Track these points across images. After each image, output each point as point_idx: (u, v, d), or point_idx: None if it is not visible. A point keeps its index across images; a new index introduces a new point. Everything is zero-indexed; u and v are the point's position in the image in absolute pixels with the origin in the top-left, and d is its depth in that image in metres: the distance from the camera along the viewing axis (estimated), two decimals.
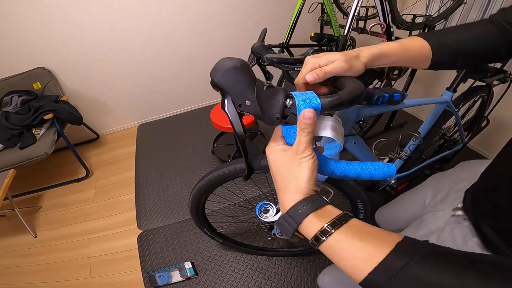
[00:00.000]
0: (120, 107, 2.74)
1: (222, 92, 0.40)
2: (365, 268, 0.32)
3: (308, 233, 0.36)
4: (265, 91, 0.39)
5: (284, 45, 1.94)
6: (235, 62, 0.39)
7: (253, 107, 0.39)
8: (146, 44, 2.41)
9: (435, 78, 2.07)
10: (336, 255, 0.34)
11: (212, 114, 1.91)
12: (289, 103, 0.39)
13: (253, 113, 0.39)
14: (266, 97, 0.39)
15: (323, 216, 0.36)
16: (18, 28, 2.03)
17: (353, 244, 0.33)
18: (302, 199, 0.37)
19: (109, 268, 1.65)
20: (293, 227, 0.36)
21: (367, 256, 0.32)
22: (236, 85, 0.39)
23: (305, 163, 0.39)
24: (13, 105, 2.08)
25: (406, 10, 1.74)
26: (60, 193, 2.23)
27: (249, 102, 0.39)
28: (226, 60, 0.40)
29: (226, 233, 1.50)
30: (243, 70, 0.39)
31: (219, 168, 1.01)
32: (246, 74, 0.39)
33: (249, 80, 0.39)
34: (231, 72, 0.38)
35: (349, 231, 0.34)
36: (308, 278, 1.43)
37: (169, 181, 2.13)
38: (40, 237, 1.90)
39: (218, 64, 0.40)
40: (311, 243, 0.36)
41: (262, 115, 0.39)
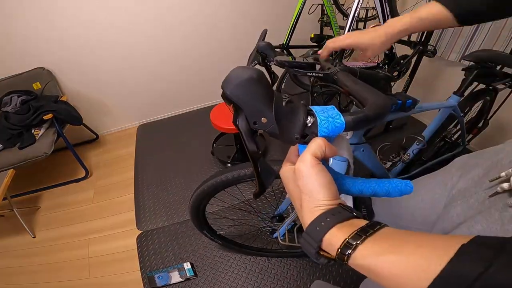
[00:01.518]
0: (119, 107, 2.73)
1: (235, 107, 0.35)
2: (414, 286, 0.25)
3: (331, 251, 0.31)
4: (284, 107, 0.35)
5: (284, 46, 1.94)
6: (250, 72, 0.34)
7: (270, 125, 0.35)
8: (146, 44, 2.41)
9: (435, 79, 2.07)
10: (371, 273, 0.28)
11: (212, 115, 1.91)
12: (310, 122, 0.35)
13: (269, 131, 0.35)
14: (285, 114, 0.35)
15: (347, 230, 0.31)
16: (19, 28, 2.03)
17: (387, 258, 0.27)
18: (321, 214, 0.33)
19: (108, 269, 1.64)
20: (314, 247, 0.32)
21: (414, 270, 0.25)
22: (251, 100, 0.34)
23: None
24: (13, 105, 2.08)
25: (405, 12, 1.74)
26: (59, 194, 2.23)
27: (265, 120, 0.34)
28: (240, 70, 0.35)
29: (226, 234, 1.50)
30: (259, 82, 0.34)
31: (222, 173, 1.00)
32: (264, 87, 0.34)
33: (266, 95, 0.34)
34: (247, 85, 0.33)
35: (381, 242, 0.29)
36: (308, 279, 1.43)
37: (169, 181, 2.13)
38: (39, 238, 1.90)
39: (231, 75, 0.34)
40: (338, 261, 0.31)
41: (280, 134, 0.35)
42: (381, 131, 2.23)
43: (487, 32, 1.60)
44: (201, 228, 1.27)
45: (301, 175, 0.34)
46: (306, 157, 0.33)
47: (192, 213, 1.16)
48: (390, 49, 1.66)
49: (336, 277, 1.42)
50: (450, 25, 0.60)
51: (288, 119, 0.35)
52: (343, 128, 0.35)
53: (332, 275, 1.43)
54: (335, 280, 1.41)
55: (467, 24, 0.60)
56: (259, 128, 0.35)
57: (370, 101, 0.39)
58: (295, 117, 0.35)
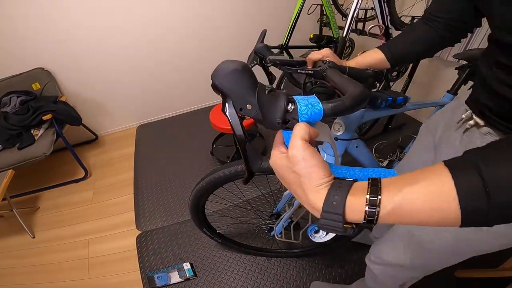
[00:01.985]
0: (119, 107, 2.73)
1: (223, 95, 0.39)
2: (449, 205, 0.28)
3: (357, 216, 0.32)
4: (267, 95, 0.38)
5: (284, 46, 1.94)
6: (236, 64, 0.38)
7: (254, 111, 0.38)
8: (145, 45, 2.41)
9: (434, 79, 2.08)
10: (403, 215, 0.31)
11: (211, 115, 1.91)
12: (291, 108, 0.38)
13: (254, 117, 0.39)
14: (267, 101, 0.38)
15: (359, 193, 0.33)
16: (18, 28, 2.03)
17: (409, 193, 0.30)
18: (329, 190, 0.34)
19: (107, 269, 1.64)
20: (339, 220, 0.33)
21: (436, 193, 0.29)
22: (237, 89, 0.38)
23: None
24: (12, 105, 2.08)
25: (404, 12, 1.75)
26: (58, 194, 2.22)
27: (250, 106, 0.38)
28: (227, 63, 0.39)
29: (225, 233, 1.50)
30: (244, 73, 0.38)
31: (220, 169, 1.01)
32: (248, 77, 0.38)
33: (250, 84, 0.38)
34: (232, 75, 0.38)
35: (393, 186, 0.32)
36: (307, 279, 1.43)
37: (168, 182, 2.13)
38: (38, 238, 1.90)
39: (219, 67, 0.39)
40: (368, 222, 0.32)
41: (263, 119, 0.38)
42: (380, 132, 2.23)
43: (485, 32, 1.60)
44: (201, 226, 1.27)
45: (296, 160, 0.35)
46: (296, 143, 0.35)
47: (192, 211, 1.17)
48: None
49: (335, 277, 1.42)
50: (385, 66, 0.77)
51: (270, 106, 0.38)
52: (321, 114, 0.37)
53: (331, 275, 1.43)
54: (335, 280, 1.41)
55: (396, 65, 0.78)
56: (245, 114, 0.39)
57: (349, 91, 0.43)
58: (277, 104, 0.38)
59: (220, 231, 1.40)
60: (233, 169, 0.98)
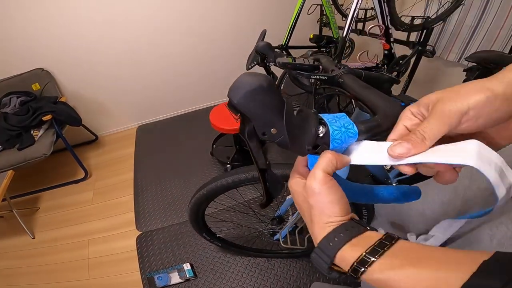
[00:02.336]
0: (119, 108, 2.73)
1: (242, 116, 0.33)
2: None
3: (343, 265, 0.30)
4: (296, 117, 0.33)
5: (283, 46, 1.94)
6: (260, 80, 0.31)
7: (280, 135, 0.32)
8: (146, 45, 2.41)
9: (434, 79, 2.08)
10: (388, 287, 0.27)
11: (212, 116, 1.91)
12: (322, 132, 0.33)
13: (278, 142, 0.33)
14: (296, 124, 0.32)
15: (361, 244, 0.30)
16: (18, 29, 2.03)
17: (406, 272, 0.26)
18: (334, 229, 0.32)
19: (107, 270, 1.64)
20: (327, 262, 0.31)
21: (434, 283, 0.24)
22: (262, 111, 0.31)
23: None
24: (12, 106, 2.08)
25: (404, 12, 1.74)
26: (58, 195, 2.22)
27: (275, 130, 0.32)
28: (248, 78, 0.31)
29: (226, 236, 1.49)
30: (270, 91, 0.31)
31: (222, 177, 0.99)
32: (274, 96, 0.31)
33: (277, 104, 0.32)
34: (256, 94, 0.31)
35: (397, 256, 0.28)
36: (307, 279, 1.43)
37: (168, 182, 2.13)
38: (38, 239, 1.90)
39: (239, 83, 0.31)
40: (350, 277, 0.30)
41: (290, 145, 0.33)
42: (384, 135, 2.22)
43: (485, 32, 1.60)
44: (201, 231, 1.26)
45: (312, 192, 0.33)
46: (317, 174, 0.32)
47: (191, 217, 1.15)
48: (389, 49, 1.67)
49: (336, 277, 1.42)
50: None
51: (299, 129, 0.33)
52: (356, 138, 0.34)
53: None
54: (335, 281, 1.41)
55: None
56: (268, 139, 0.33)
57: (382, 109, 0.38)
58: (307, 128, 0.33)
59: (220, 235, 1.39)
60: (236, 177, 0.96)
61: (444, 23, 1.77)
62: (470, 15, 1.63)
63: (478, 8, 1.58)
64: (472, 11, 1.62)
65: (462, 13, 1.67)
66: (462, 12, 1.66)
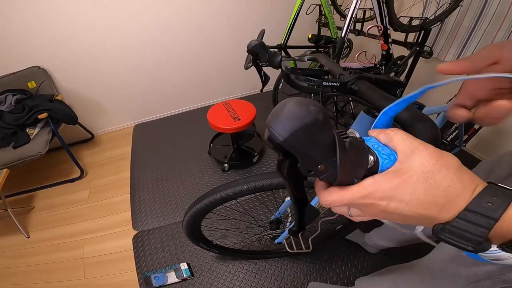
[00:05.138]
0: (115, 107, 2.72)
1: (284, 153, 0.28)
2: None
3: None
4: (348, 150, 0.28)
5: (282, 46, 1.94)
6: (314, 112, 0.25)
7: (327, 172, 0.28)
8: (143, 43, 2.40)
9: (431, 80, 2.09)
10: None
11: (209, 115, 1.91)
12: (372, 162, 0.30)
13: (324, 178, 0.29)
14: (349, 159, 0.28)
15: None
16: (14, 26, 2.01)
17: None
18: (484, 190, 0.27)
19: (103, 269, 1.63)
20: (486, 226, 0.25)
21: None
22: (313, 149, 0.26)
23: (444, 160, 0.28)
24: (7, 104, 2.06)
25: (403, 13, 1.75)
26: (53, 194, 2.20)
27: (323, 167, 0.28)
28: (299, 108, 0.25)
29: (223, 243, 1.48)
30: (325, 126, 0.26)
31: (221, 190, 0.94)
32: (328, 130, 0.26)
33: (329, 138, 0.26)
34: (309, 130, 0.25)
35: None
36: (305, 279, 1.43)
37: (165, 181, 2.12)
38: (33, 238, 1.88)
39: (285, 114, 0.25)
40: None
41: (338, 180, 0.29)
42: None
43: (483, 33, 1.61)
44: (197, 242, 1.22)
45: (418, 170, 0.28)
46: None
47: (187, 231, 1.09)
48: (387, 49, 1.67)
49: (333, 277, 1.42)
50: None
51: (351, 164, 0.29)
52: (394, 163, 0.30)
53: (329, 275, 1.43)
54: (332, 280, 1.41)
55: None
56: (314, 176, 0.29)
57: (420, 131, 0.35)
58: (359, 162, 0.29)
59: (217, 242, 1.36)
60: (237, 189, 0.92)
61: (442, 24, 1.78)
62: (468, 16, 1.64)
63: (475, 9, 1.59)
64: (470, 12, 1.63)
65: (460, 14, 1.68)
66: (460, 13, 1.67)
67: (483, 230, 0.25)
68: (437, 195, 0.27)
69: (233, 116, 1.87)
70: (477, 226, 0.26)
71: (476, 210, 0.26)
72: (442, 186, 0.27)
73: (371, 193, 0.28)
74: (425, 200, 0.27)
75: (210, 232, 1.56)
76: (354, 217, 0.33)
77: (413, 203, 0.27)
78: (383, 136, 0.32)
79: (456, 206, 0.27)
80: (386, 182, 0.28)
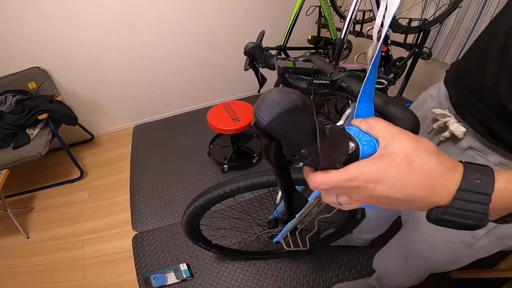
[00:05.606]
0: (115, 107, 2.72)
1: (269, 138, 0.30)
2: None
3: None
4: (328, 136, 0.30)
5: (282, 47, 1.95)
6: (294, 99, 0.28)
7: (310, 156, 0.30)
8: (143, 44, 2.41)
9: (430, 81, 2.09)
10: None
11: (209, 116, 1.91)
12: (352, 148, 0.31)
13: (308, 163, 0.31)
14: (329, 144, 0.30)
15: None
16: (14, 27, 2.01)
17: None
18: (466, 169, 0.28)
19: (103, 270, 1.63)
20: (484, 202, 0.27)
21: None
22: (295, 133, 0.28)
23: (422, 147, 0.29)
24: (8, 104, 2.06)
25: (402, 14, 1.76)
26: (53, 194, 2.20)
27: (306, 152, 0.30)
28: (281, 96, 0.28)
29: (222, 242, 1.48)
30: (305, 111, 0.28)
31: (218, 187, 0.96)
32: (308, 116, 0.29)
33: (311, 124, 0.29)
34: (290, 116, 0.28)
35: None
36: (304, 279, 1.43)
37: (165, 182, 2.12)
38: (33, 238, 1.88)
39: (269, 101, 0.28)
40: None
41: (320, 164, 0.31)
42: None
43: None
44: (196, 241, 1.24)
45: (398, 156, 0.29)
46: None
47: (186, 229, 1.11)
48: (386, 51, 1.68)
49: (332, 277, 1.42)
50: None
51: (331, 149, 0.30)
52: (375, 151, 0.32)
53: (328, 276, 1.43)
54: (332, 280, 1.41)
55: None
56: (298, 161, 0.31)
57: (399, 119, 0.37)
58: (339, 146, 0.31)
59: (216, 242, 1.37)
60: (234, 186, 0.94)
61: (441, 26, 1.79)
62: (467, 17, 1.65)
63: (474, 11, 1.60)
64: (469, 13, 1.63)
65: (459, 15, 1.68)
66: (459, 14, 1.68)
67: (483, 207, 0.27)
68: (422, 176, 0.28)
69: (233, 117, 1.87)
70: (476, 204, 0.27)
71: (470, 189, 0.27)
72: (425, 167, 0.28)
73: (357, 176, 0.29)
74: (410, 181, 0.28)
75: (209, 232, 1.56)
76: (344, 205, 0.34)
77: (398, 185, 0.28)
78: (364, 125, 0.33)
79: (446, 188, 0.28)
80: (372, 165, 0.29)
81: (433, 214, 0.29)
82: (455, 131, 0.54)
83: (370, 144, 0.31)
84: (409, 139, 0.30)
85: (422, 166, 0.28)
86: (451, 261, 0.73)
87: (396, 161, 0.28)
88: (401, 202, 0.30)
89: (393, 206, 0.31)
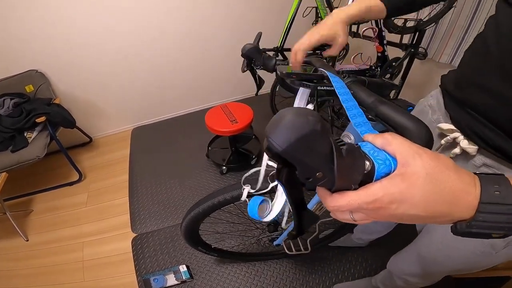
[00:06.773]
0: (114, 110, 2.72)
1: (282, 162, 0.28)
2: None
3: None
4: (345, 157, 0.28)
5: (279, 49, 1.95)
6: (312, 122, 0.26)
7: (325, 178, 0.28)
8: (141, 47, 2.41)
9: (427, 81, 2.11)
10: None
11: (207, 118, 1.92)
12: (368, 168, 0.30)
13: (322, 184, 0.29)
14: (346, 166, 0.28)
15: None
16: (11, 30, 2.01)
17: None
18: (482, 182, 0.29)
19: (103, 272, 1.63)
20: (508, 212, 0.27)
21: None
22: (312, 158, 0.27)
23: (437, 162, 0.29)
24: (5, 108, 2.05)
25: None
26: (52, 197, 2.20)
27: (321, 174, 0.28)
28: (297, 118, 0.26)
29: (222, 246, 1.48)
30: (323, 135, 0.26)
31: (219, 194, 0.96)
32: (326, 138, 0.27)
33: (327, 146, 0.27)
34: (308, 140, 0.26)
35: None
36: (303, 280, 1.43)
37: (163, 184, 2.12)
38: (32, 241, 1.88)
39: (284, 125, 0.26)
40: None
41: (335, 186, 0.29)
42: None
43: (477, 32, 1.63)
44: (196, 246, 1.24)
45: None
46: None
47: (186, 235, 1.11)
48: (382, 51, 1.69)
49: (332, 277, 1.43)
50: (381, 16, 0.71)
51: (348, 170, 0.29)
52: (391, 170, 0.31)
53: (328, 276, 1.44)
54: (332, 280, 1.42)
55: (393, 16, 0.74)
56: (312, 184, 0.29)
57: (413, 133, 0.37)
58: (355, 168, 0.29)
59: (215, 245, 1.37)
60: (235, 193, 0.93)
61: (437, 25, 1.80)
62: (462, 15, 1.66)
63: (469, 10, 1.61)
64: (464, 11, 1.64)
65: (454, 14, 1.70)
66: (453, 14, 1.69)
67: (508, 217, 0.27)
68: (445, 194, 0.28)
69: (231, 119, 1.88)
70: (501, 215, 0.28)
71: (492, 201, 0.28)
72: (448, 185, 0.28)
73: (380, 197, 0.29)
74: (434, 199, 0.28)
75: (208, 236, 1.57)
76: (358, 221, 0.33)
77: (423, 205, 0.29)
78: (380, 140, 0.32)
79: (467, 202, 0.29)
80: (395, 186, 0.29)
81: (458, 229, 0.30)
82: (467, 148, 0.53)
83: (386, 163, 0.30)
84: (429, 156, 0.29)
85: (445, 184, 0.28)
86: (467, 269, 0.74)
87: (419, 181, 0.28)
88: (424, 219, 0.30)
89: (415, 222, 0.31)
